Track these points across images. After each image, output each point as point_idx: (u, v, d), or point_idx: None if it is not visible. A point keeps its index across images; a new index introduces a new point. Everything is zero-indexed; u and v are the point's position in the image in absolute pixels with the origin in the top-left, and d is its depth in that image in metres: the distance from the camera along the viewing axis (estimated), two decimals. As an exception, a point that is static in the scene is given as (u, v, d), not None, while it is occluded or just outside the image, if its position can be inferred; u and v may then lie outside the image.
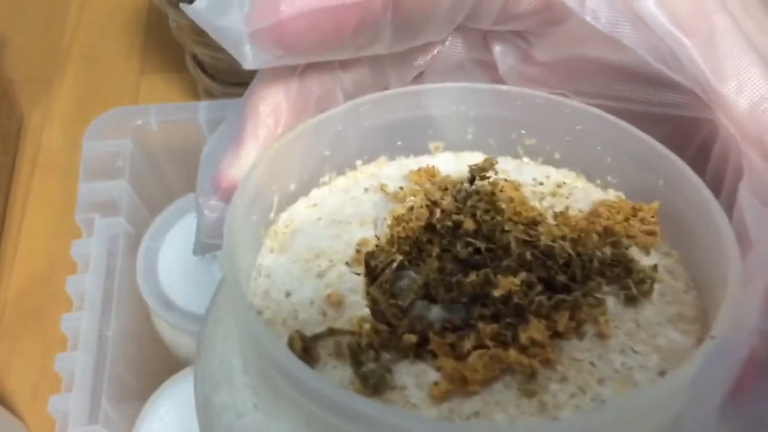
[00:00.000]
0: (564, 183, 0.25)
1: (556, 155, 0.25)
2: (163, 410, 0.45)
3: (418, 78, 0.25)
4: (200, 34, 0.58)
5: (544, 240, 0.21)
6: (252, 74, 0.23)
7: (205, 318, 0.23)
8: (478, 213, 0.22)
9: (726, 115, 0.20)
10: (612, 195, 0.24)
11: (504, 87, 0.24)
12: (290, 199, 0.24)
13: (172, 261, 0.50)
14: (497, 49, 0.24)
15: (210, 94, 0.63)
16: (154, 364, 0.51)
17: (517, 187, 0.24)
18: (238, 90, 0.57)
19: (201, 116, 0.53)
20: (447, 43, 0.24)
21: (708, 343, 0.18)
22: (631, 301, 0.21)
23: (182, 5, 0.22)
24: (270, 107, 0.22)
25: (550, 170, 0.25)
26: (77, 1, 0.75)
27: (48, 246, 0.59)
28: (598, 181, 0.24)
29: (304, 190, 0.24)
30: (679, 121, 0.22)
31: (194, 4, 0.20)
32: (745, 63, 0.20)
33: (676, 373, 0.18)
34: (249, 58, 0.20)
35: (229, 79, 0.62)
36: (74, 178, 0.53)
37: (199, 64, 0.63)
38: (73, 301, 0.49)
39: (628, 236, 0.22)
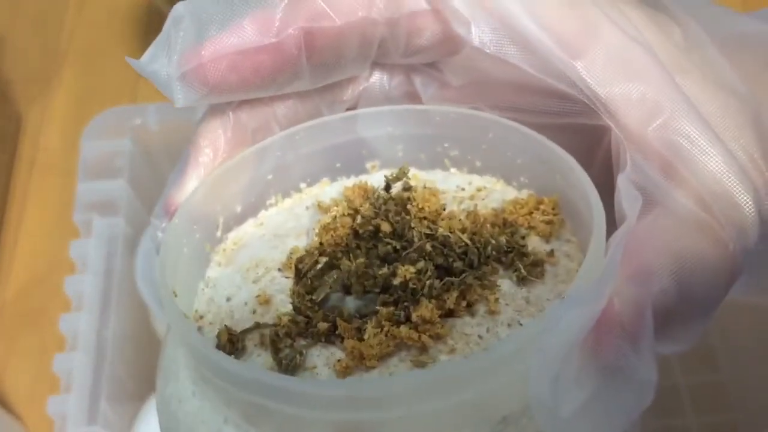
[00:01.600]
0: (484, 187, 0.27)
1: (478, 163, 0.27)
2: (162, 411, 0.45)
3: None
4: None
5: (441, 231, 0.24)
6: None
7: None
8: (391, 215, 0.24)
9: (611, 118, 0.23)
10: (525, 194, 0.26)
11: (422, 106, 0.26)
12: (238, 220, 0.27)
13: (171, 261, 0.49)
14: (417, 80, 0.26)
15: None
16: (152, 365, 0.51)
17: (434, 192, 0.26)
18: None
19: (200, 116, 0.53)
20: (372, 79, 0.26)
21: (558, 301, 0.21)
22: (522, 281, 0.23)
23: None
24: (208, 140, 0.25)
25: (474, 177, 0.27)
26: None
27: (46, 246, 0.59)
28: (514, 183, 0.27)
29: (252, 211, 0.27)
30: (586, 128, 0.24)
31: (140, 60, 0.24)
32: (627, 71, 0.22)
33: (527, 325, 0.20)
34: (179, 97, 0.23)
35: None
36: (73, 178, 0.53)
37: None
38: (72, 301, 0.49)
39: (530, 227, 0.25)
